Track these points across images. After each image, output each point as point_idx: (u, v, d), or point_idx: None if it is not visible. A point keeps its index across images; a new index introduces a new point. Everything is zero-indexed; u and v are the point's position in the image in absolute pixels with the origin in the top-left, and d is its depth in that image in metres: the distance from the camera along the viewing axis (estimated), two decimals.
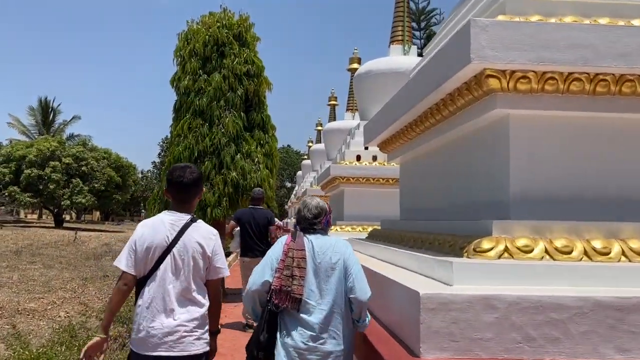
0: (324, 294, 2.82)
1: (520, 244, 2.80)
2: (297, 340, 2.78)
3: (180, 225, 2.87)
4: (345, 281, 2.84)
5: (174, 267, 2.81)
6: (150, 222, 2.95)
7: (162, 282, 2.79)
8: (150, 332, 2.74)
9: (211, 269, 2.90)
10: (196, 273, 2.85)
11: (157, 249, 2.81)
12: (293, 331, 2.81)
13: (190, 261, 2.83)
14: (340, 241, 3.05)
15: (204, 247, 2.86)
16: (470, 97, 3.26)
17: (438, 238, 3.49)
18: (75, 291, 9.62)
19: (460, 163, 3.84)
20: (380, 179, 10.32)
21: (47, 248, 18.60)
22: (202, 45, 9.33)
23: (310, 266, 2.86)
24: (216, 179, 9.00)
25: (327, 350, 2.77)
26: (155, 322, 2.75)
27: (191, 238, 2.85)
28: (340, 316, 2.82)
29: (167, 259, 2.81)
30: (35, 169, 32.91)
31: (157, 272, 2.81)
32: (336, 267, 2.85)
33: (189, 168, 2.98)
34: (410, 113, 4.36)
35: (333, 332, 2.79)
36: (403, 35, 11.78)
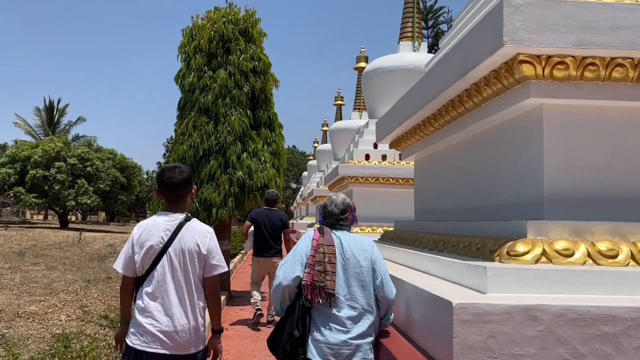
0: (352, 290, 2.84)
1: (559, 246, 2.52)
2: (328, 336, 2.79)
3: (175, 225, 2.90)
4: (374, 280, 2.88)
5: (171, 267, 2.87)
6: (145, 224, 3.00)
7: (159, 281, 2.85)
8: (148, 329, 2.80)
9: (207, 266, 2.93)
10: (193, 271, 2.90)
11: (153, 249, 2.86)
12: (323, 327, 2.81)
13: (186, 260, 2.88)
14: (367, 239, 3.06)
15: (199, 246, 2.90)
16: (499, 86, 2.99)
17: (462, 240, 3.21)
18: (78, 293, 9.38)
19: (485, 159, 3.56)
20: (390, 178, 10.04)
21: (51, 249, 18.41)
22: (207, 41, 9.07)
23: (339, 262, 2.88)
24: (222, 178, 8.74)
25: (357, 344, 2.78)
26: (153, 320, 2.81)
27: (186, 237, 2.90)
28: (368, 311, 2.85)
29: (163, 259, 2.87)
30: (40, 169, 32.81)
31: (154, 272, 2.87)
32: (365, 264, 2.88)
33: (178, 168, 3.00)
34: (428, 107, 4.09)
35: (362, 326, 2.81)
36: (413, 31, 11.51)
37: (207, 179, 8.77)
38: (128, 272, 2.91)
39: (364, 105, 18.96)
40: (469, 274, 2.54)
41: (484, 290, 2.33)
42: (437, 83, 3.80)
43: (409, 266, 3.65)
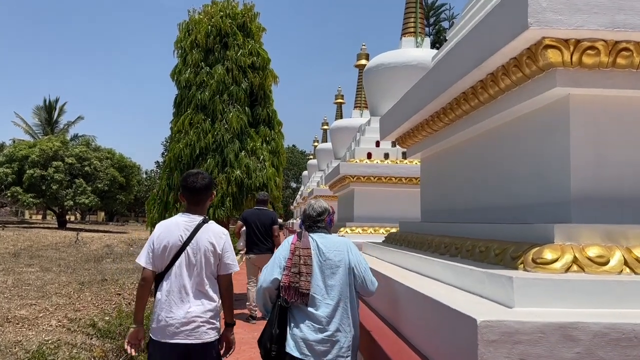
0: (329, 289, 3.04)
1: (592, 253, 2.24)
2: (305, 332, 2.98)
3: (194, 226, 3.20)
4: (355, 276, 3.10)
5: (188, 264, 3.15)
6: (166, 223, 3.29)
7: (177, 277, 3.13)
8: (169, 322, 3.07)
9: (221, 265, 3.23)
10: (208, 269, 3.18)
11: (173, 247, 3.15)
12: (302, 324, 3.01)
13: (202, 258, 3.16)
14: (343, 240, 3.27)
15: (214, 246, 3.20)
16: (519, 75, 2.71)
17: (477, 244, 2.93)
18: (71, 297, 9.11)
19: (501, 155, 3.28)
20: (392, 177, 9.74)
21: (47, 250, 18.13)
22: (204, 36, 8.80)
23: (315, 263, 3.07)
24: (219, 177, 8.47)
25: (333, 341, 2.97)
26: (173, 312, 3.08)
27: (203, 237, 3.19)
28: (346, 309, 3.03)
29: (182, 256, 3.15)
30: (38, 169, 32.55)
31: (172, 268, 3.15)
32: (340, 264, 3.08)
33: (201, 174, 3.36)
34: (437, 101, 3.81)
35: (339, 324, 2.99)
36: (415, 27, 11.21)
37: None
38: (149, 266, 3.17)
39: (364, 103, 18.69)
40: (491, 284, 2.26)
41: (510, 304, 2.05)
42: (447, 75, 3.52)
43: (418, 272, 3.37)
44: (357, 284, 3.10)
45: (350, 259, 3.11)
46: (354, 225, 10.10)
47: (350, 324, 3.02)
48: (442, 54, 4.81)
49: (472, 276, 2.48)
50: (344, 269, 3.06)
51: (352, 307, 3.06)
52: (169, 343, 3.08)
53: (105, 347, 4.84)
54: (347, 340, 2.99)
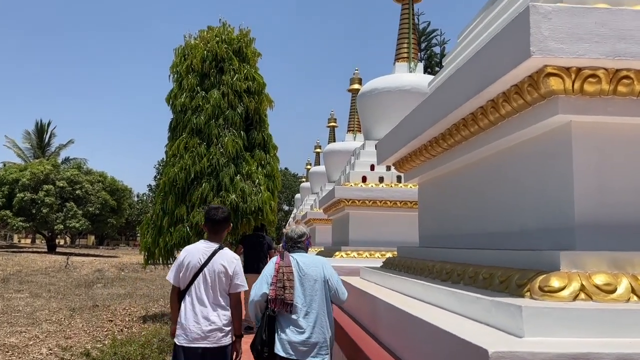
0: (308, 300, 3.67)
1: (599, 281, 2.23)
2: (290, 335, 3.61)
3: (211, 251, 3.90)
4: (329, 288, 3.75)
5: (205, 282, 3.83)
6: (189, 248, 4.01)
7: (197, 292, 3.82)
8: (191, 329, 3.74)
9: (232, 285, 3.88)
10: (221, 287, 3.86)
11: (193, 268, 3.86)
12: (287, 329, 3.63)
13: (216, 278, 3.84)
14: (319, 258, 3.93)
15: (227, 269, 3.87)
16: (520, 102, 2.73)
17: (481, 271, 2.91)
18: (61, 323, 8.94)
19: (503, 181, 3.29)
20: (387, 201, 9.73)
21: (37, 275, 17.86)
22: (200, 61, 8.84)
23: (296, 278, 3.69)
24: (214, 201, 8.42)
25: (313, 342, 3.62)
26: (194, 321, 3.75)
27: (217, 261, 3.87)
28: (323, 315, 3.69)
29: (200, 276, 3.83)
30: (28, 192, 32.27)
31: (193, 285, 3.85)
32: (317, 278, 3.73)
33: (221, 209, 4.13)
34: (436, 126, 3.83)
35: (318, 328, 3.64)
36: (409, 52, 11.35)
37: (198, 202, 8.45)
38: (177, 282, 3.92)
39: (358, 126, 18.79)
40: (499, 313, 2.24)
41: (520, 334, 2.02)
42: (447, 100, 3.55)
43: (420, 299, 3.33)
44: (331, 295, 3.78)
45: (325, 274, 3.79)
46: (349, 250, 10.04)
47: (327, 327, 3.70)
48: (440, 80, 4.86)
49: (478, 304, 2.45)
50: (320, 282, 3.73)
51: (328, 313, 3.75)
52: (190, 347, 3.75)
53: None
54: (325, 340, 3.68)
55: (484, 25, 4.25)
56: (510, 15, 3.54)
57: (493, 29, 3.90)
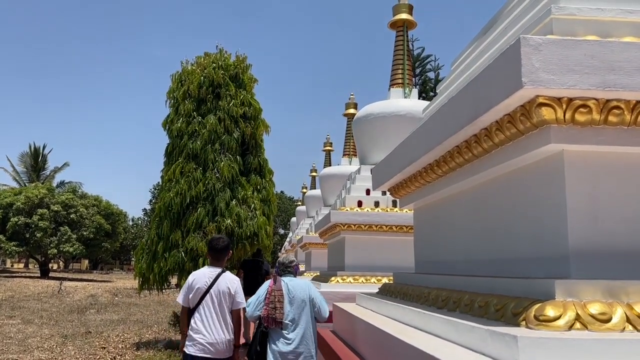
0: (296, 318, 4.27)
1: (594, 310, 2.23)
2: (280, 347, 4.23)
3: (215, 275, 4.43)
4: (313, 307, 4.33)
5: (212, 301, 4.38)
6: (196, 273, 4.53)
7: (204, 310, 4.38)
8: (199, 341, 4.27)
9: (234, 303, 4.41)
10: (225, 305, 4.41)
11: (200, 290, 4.37)
12: (277, 341, 4.25)
13: (221, 298, 4.38)
14: (305, 282, 4.51)
15: (229, 289, 4.41)
16: (513, 131, 2.77)
17: (476, 299, 2.91)
18: (53, 351, 8.78)
19: (497, 208, 3.31)
20: (383, 225, 9.76)
21: (29, 300, 17.62)
22: (196, 87, 8.89)
23: (286, 299, 4.32)
24: (209, 226, 8.38)
25: (300, 352, 4.21)
26: (203, 335, 4.28)
27: (222, 283, 4.41)
28: (308, 329, 4.28)
29: (207, 297, 4.38)
30: (22, 216, 32.03)
31: (201, 305, 4.38)
32: (304, 298, 4.32)
33: (222, 239, 4.66)
34: (430, 153, 3.86)
35: (304, 340, 4.25)
36: (403, 78, 11.51)
37: (194, 227, 8.41)
38: (185, 304, 4.43)
39: (353, 151, 18.88)
40: (494, 342, 2.23)
41: None
42: (440, 128, 3.59)
43: (416, 327, 3.32)
44: (315, 312, 4.37)
45: (310, 294, 4.37)
46: (345, 275, 10.01)
47: (311, 340, 4.31)
48: (434, 107, 4.92)
49: (474, 333, 2.45)
50: (307, 302, 4.34)
51: (313, 328, 4.36)
52: (197, 356, 4.29)
53: None
54: (309, 350, 4.28)
55: (477, 54, 4.32)
56: (502, 46, 3.60)
57: (486, 58, 3.97)
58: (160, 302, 18.29)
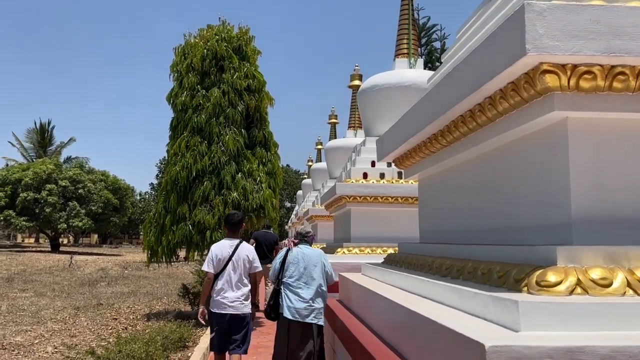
0: (309, 279, 5.21)
1: (595, 275, 2.26)
2: (295, 304, 5.18)
3: (235, 245, 5.42)
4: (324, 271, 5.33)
5: (233, 268, 5.31)
6: (219, 245, 5.53)
7: (227, 275, 5.30)
8: (222, 301, 5.22)
9: (251, 267, 5.42)
10: (244, 270, 5.37)
11: (224, 258, 5.34)
12: (293, 299, 5.18)
13: (241, 264, 5.34)
14: (317, 250, 5.58)
15: (248, 257, 5.41)
16: (517, 99, 2.75)
17: (479, 266, 2.94)
18: (66, 322, 9.00)
19: (500, 177, 3.32)
20: (389, 197, 9.77)
21: (41, 274, 17.96)
22: (200, 60, 8.87)
23: (302, 263, 5.28)
24: (216, 200, 8.46)
25: (312, 308, 5.18)
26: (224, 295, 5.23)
27: (241, 252, 5.39)
28: (319, 289, 5.28)
29: (229, 264, 5.31)
30: (31, 192, 32.39)
31: (224, 270, 5.32)
32: (317, 264, 5.29)
33: (237, 214, 5.71)
34: (434, 123, 3.85)
35: (316, 298, 5.20)
36: (409, 48, 11.35)
37: (200, 200, 8.49)
38: (211, 270, 5.34)
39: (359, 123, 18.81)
40: (496, 307, 2.27)
41: (516, 328, 2.06)
42: (445, 98, 3.57)
43: (420, 295, 3.37)
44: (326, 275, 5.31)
45: (322, 261, 5.38)
46: (351, 246, 10.08)
47: (321, 298, 5.25)
48: (439, 77, 4.88)
49: (476, 299, 2.49)
50: (319, 266, 5.27)
51: (323, 289, 5.29)
52: (221, 313, 5.27)
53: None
54: (320, 307, 5.19)
55: (481, 22, 4.26)
56: (507, 13, 3.56)
57: (490, 26, 3.92)
58: (170, 274, 18.56)
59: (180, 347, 6.75)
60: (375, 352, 3.12)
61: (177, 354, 6.51)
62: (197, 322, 8.49)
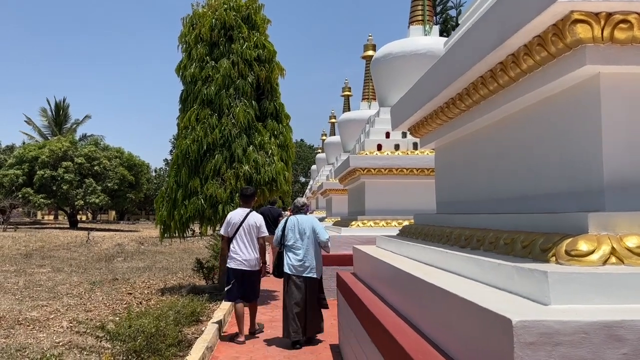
0: (304, 241, 6.37)
1: (631, 243, 2.07)
2: (292, 260, 6.33)
3: (245, 213, 6.60)
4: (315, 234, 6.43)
5: (244, 232, 6.49)
6: (233, 212, 6.79)
7: (239, 238, 6.48)
8: (237, 259, 6.40)
9: (259, 232, 6.56)
10: (253, 234, 6.53)
11: (236, 224, 6.52)
12: (291, 257, 6.34)
13: (250, 230, 6.52)
14: (310, 217, 6.81)
15: (256, 223, 6.58)
16: (544, 54, 2.52)
17: (501, 236, 2.76)
18: (82, 297, 9.04)
19: (524, 142, 3.10)
20: (404, 169, 9.58)
21: (59, 250, 18.16)
22: (208, 30, 8.63)
23: (296, 229, 6.43)
24: (227, 173, 8.33)
25: (307, 265, 6.32)
26: (239, 255, 6.43)
27: (251, 219, 6.57)
28: (311, 249, 6.40)
29: (241, 229, 6.50)
30: (48, 169, 32.69)
31: (237, 234, 6.49)
32: (307, 227, 6.42)
33: (250, 188, 7.02)
34: (452, 86, 3.63)
35: (310, 257, 6.36)
36: (424, 14, 10.98)
37: (212, 174, 8.37)
38: (225, 234, 6.56)
39: (372, 94, 18.47)
40: (522, 279, 2.09)
41: (546, 302, 1.88)
42: (463, 58, 3.34)
43: (437, 266, 3.20)
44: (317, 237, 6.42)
45: (312, 225, 6.47)
46: (366, 219, 9.94)
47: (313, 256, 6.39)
48: (456, 38, 4.63)
49: (499, 271, 2.31)
50: (310, 230, 6.40)
51: (315, 248, 6.45)
52: (235, 268, 6.42)
53: (115, 349, 4.72)
54: (312, 264, 6.36)
55: None
56: None
57: None
58: (185, 249, 18.66)
59: (193, 321, 6.71)
60: (391, 327, 2.97)
61: (190, 328, 6.47)
62: (210, 296, 8.47)
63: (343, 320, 5.60)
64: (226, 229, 6.51)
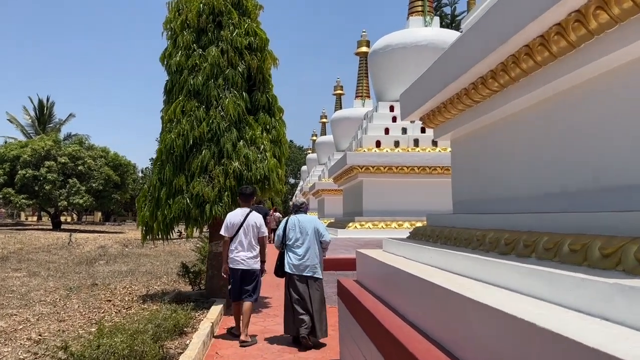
0: (305, 241, 6.39)
1: None
2: (293, 260, 6.38)
3: (245, 213, 6.67)
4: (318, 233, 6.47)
5: (244, 232, 6.58)
6: (232, 213, 6.80)
7: (240, 238, 6.56)
8: (236, 259, 6.54)
9: (259, 232, 6.68)
10: (253, 235, 6.63)
11: (236, 224, 6.61)
12: (292, 257, 6.38)
13: (250, 229, 6.61)
14: (311, 217, 6.76)
15: (256, 223, 6.66)
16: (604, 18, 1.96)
17: (564, 241, 2.17)
18: (56, 304, 8.34)
19: (582, 124, 2.52)
20: (404, 167, 9.00)
21: (38, 252, 17.33)
22: (195, 15, 8.00)
23: (297, 228, 6.47)
24: (216, 170, 7.70)
25: (307, 265, 6.35)
26: (238, 254, 6.54)
27: (251, 219, 6.65)
28: (313, 249, 6.40)
29: (241, 229, 6.58)
30: (30, 169, 31.71)
31: (237, 234, 6.58)
32: (310, 227, 6.46)
33: (249, 187, 7.00)
34: (479, 65, 3.06)
35: (310, 256, 6.37)
36: (424, 5, 10.43)
37: (198, 171, 7.73)
38: (226, 234, 6.60)
39: (367, 92, 17.91)
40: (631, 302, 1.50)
41: None
42: (492, 32, 2.79)
43: (473, 277, 2.61)
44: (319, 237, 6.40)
45: (315, 225, 6.43)
46: (363, 220, 9.35)
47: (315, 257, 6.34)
48: (477, 15, 4.05)
49: (586, 289, 1.72)
50: (312, 230, 6.37)
51: (317, 248, 6.41)
52: (235, 268, 6.49)
53: None
54: (314, 264, 6.31)
55: None
56: None
57: None
58: (171, 252, 17.93)
59: (177, 334, 6.05)
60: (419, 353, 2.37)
61: (173, 342, 5.82)
62: (196, 303, 7.83)
63: (345, 333, 5.00)
64: (226, 230, 6.55)
